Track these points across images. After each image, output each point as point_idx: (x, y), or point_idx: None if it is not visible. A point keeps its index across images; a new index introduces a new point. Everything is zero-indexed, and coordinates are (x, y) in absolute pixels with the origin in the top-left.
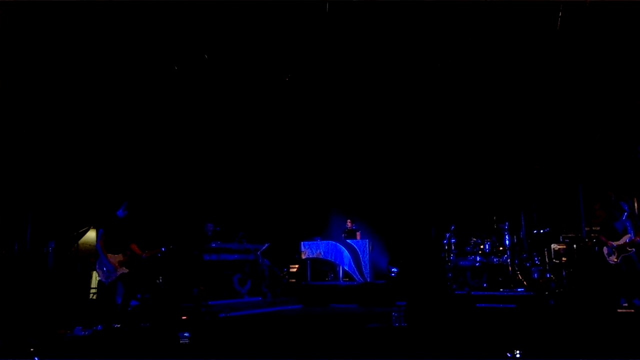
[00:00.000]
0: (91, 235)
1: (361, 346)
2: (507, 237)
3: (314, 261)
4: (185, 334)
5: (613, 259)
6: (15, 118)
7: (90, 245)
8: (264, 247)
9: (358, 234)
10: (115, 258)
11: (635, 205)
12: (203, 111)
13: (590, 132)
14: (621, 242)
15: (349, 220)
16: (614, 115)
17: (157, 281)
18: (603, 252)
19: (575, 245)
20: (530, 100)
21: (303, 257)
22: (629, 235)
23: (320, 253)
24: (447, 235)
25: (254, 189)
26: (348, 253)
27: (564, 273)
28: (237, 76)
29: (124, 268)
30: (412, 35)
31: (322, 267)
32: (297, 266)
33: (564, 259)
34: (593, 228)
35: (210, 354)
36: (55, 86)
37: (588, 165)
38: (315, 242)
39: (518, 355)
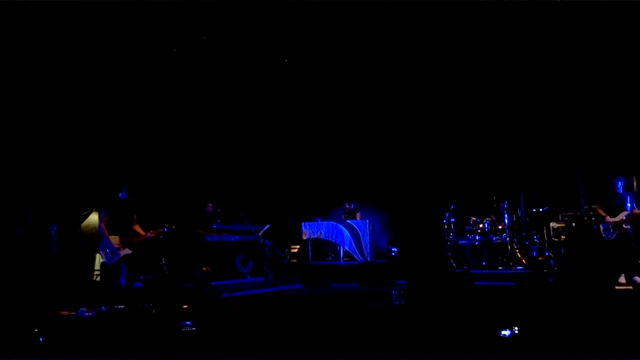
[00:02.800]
0: (94, 217)
1: (362, 324)
2: (506, 216)
3: (315, 242)
4: (187, 322)
5: (609, 235)
6: (16, 103)
7: (93, 227)
8: (265, 228)
9: (358, 214)
10: (118, 239)
11: (635, 184)
12: (204, 93)
13: (589, 110)
14: (617, 219)
15: (348, 201)
16: (613, 95)
17: (160, 262)
18: (600, 229)
19: (574, 224)
20: (529, 80)
21: (304, 237)
22: (626, 211)
23: (321, 233)
24: (447, 214)
25: (255, 170)
26: (349, 233)
27: (562, 251)
28: (237, 60)
29: (127, 249)
30: (416, 20)
31: (323, 247)
32: (298, 247)
33: (562, 237)
34: (592, 206)
35: (214, 333)
36: (55, 72)
37: (587, 144)
38: (316, 222)
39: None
